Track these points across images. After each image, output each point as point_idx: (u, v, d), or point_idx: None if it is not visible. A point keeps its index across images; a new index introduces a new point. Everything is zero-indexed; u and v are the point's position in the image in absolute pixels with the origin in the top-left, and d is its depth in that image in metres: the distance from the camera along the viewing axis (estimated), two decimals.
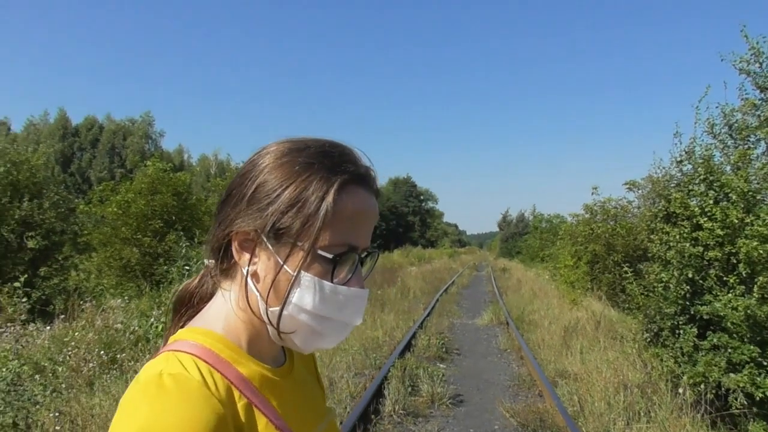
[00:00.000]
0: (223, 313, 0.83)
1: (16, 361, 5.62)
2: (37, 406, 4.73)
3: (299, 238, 0.76)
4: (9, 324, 8.05)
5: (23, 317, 7.80)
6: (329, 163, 0.79)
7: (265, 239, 0.78)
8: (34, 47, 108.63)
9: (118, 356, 6.73)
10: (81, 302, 9.41)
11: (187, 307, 0.91)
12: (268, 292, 0.78)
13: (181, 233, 11.88)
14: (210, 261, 0.89)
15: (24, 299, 7.12)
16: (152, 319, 7.95)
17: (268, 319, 0.79)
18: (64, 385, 5.53)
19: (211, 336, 0.80)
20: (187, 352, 0.76)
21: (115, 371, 6.26)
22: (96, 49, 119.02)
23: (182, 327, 0.85)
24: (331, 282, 0.78)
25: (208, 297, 0.89)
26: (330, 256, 0.77)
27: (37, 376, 5.57)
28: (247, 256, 0.79)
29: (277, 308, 0.78)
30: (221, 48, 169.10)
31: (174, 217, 14.82)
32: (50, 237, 13.85)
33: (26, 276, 8.44)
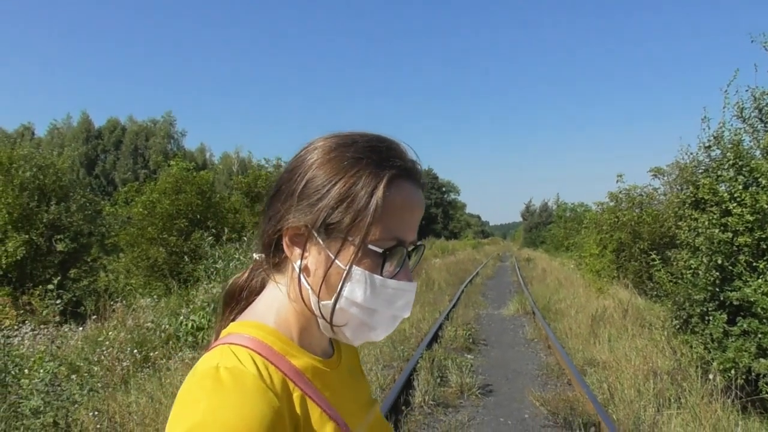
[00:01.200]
0: (275, 306, 0.85)
1: (53, 362, 5.76)
2: (76, 406, 4.85)
3: (350, 233, 0.78)
4: (42, 326, 8.26)
5: (57, 319, 7.97)
6: (377, 157, 0.81)
7: (315, 234, 0.79)
8: (54, 51, 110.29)
9: (151, 354, 6.87)
10: (111, 303, 9.60)
11: (237, 300, 0.93)
12: (320, 285, 0.80)
13: (208, 231, 12.01)
14: (259, 255, 0.91)
15: (58, 301, 7.28)
16: (181, 317, 8.08)
17: (321, 313, 0.81)
18: (99, 385, 5.65)
19: (264, 329, 0.81)
20: (242, 345, 0.77)
21: (148, 369, 6.39)
22: (116, 51, 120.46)
23: (233, 320, 0.87)
24: (381, 275, 0.80)
25: (257, 291, 0.91)
26: (380, 250, 0.79)
27: (73, 376, 5.71)
28: (298, 250, 0.81)
29: (329, 302, 0.80)
30: (239, 45, 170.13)
31: (199, 216, 15.00)
32: (78, 239, 14.11)
33: (59, 279, 8.63)
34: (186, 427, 0.67)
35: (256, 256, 0.92)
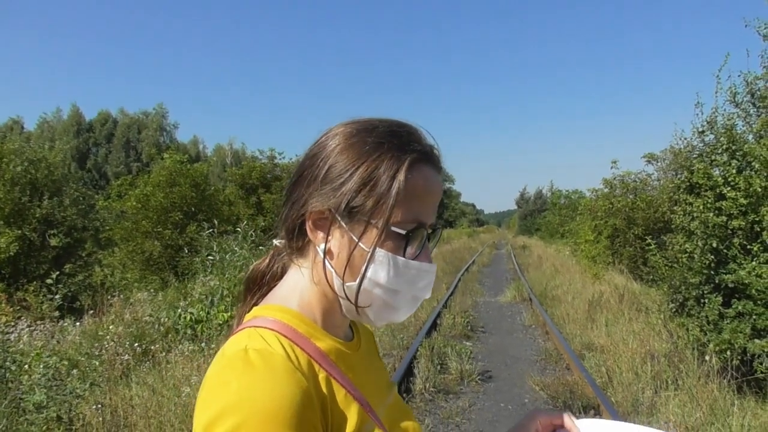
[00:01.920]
0: (298, 290, 0.86)
1: (55, 357, 5.77)
2: (78, 400, 4.86)
3: (373, 215, 0.80)
4: (39, 322, 8.24)
5: (56, 314, 7.96)
6: (398, 142, 0.83)
7: (339, 218, 0.81)
8: (42, 44, 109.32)
9: (151, 348, 6.87)
10: (108, 297, 9.59)
11: (259, 286, 0.94)
12: (344, 268, 0.81)
13: (202, 224, 11.99)
14: (280, 241, 0.92)
15: (57, 296, 7.27)
16: (180, 310, 8.08)
17: (345, 294, 0.83)
18: (101, 379, 5.66)
19: (288, 312, 0.83)
20: (268, 328, 0.79)
21: (148, 363, 6.40)
22: (105, 43, 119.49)
23: (255, 305, 0.89)
24: (404, 257, 0.82)
25: (278, 276, 0.93)
26: (403, 232, 0.81)
27: (74, 371, 5.72)
28: (321, 234, 0.83)
29: (354, 283, 0.82)
30: (230, 36, 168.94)
31: (194, 209, 14.96)
32: (72, 234, 14.00)
33: (58, 274, 8.60)
34: (218, 408, 0.68)
35: (276, 242, 0.94)
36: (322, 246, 0.83)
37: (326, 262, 0.83)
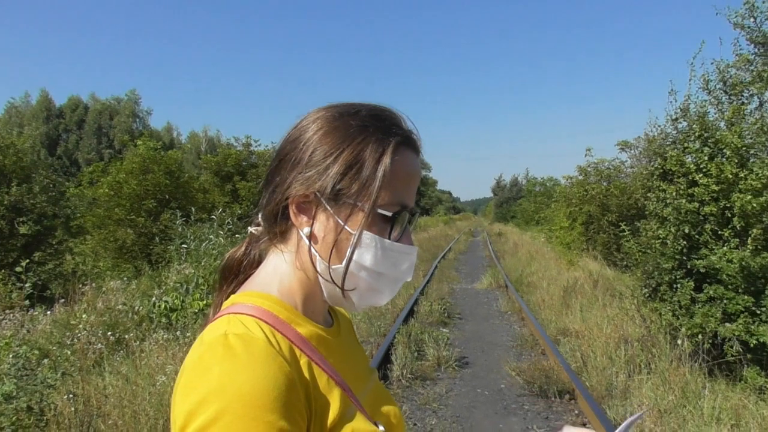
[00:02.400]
0: (278, 275, 0.85)
1: (25, 346, 5.65)
2: (49, 390, 4.77)
3: (359, 198, 0.80)
4: (8, 311, 8.06)
5: (27, 303, 7.80)
6: (382, 125, 0.83)
7: (324, 201, 0.80)
8: (8, 27, 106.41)
9: (124, 337, 6.77)
10: (80, 286, 9.42)
11: (236, 274, 0.93)
12: (330, 251, 0.81)
13: (177, 211, 11.82)
14: (255, 228, 0.91)
15: (26, 284, 7.11)
16: (154, 299, 7.98)
17: (331, 278, 0.82)
18: (73, 368, 5.57)
19: (268, 298, 0.82)
20: (248, 314, 0.78)
21: (122, 352, 6.31)
22: (76, 27, 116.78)
23: (232, 293, 0.87)
24: (389, 240, 0.82)
25: (255, 264, 0.91)
26: (389, 214, 0.81)
27: (45, 361, 5.61)
28: (305, 218, 0.82)
29: (339, 266, 0.81)
30: (204, 22, 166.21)
31: (168, 196, 14.76)
32: (42, 222, 13.72)
33: (27, 262, 8.41)
34: (200, 395, 0.67)
35: (251, 229, 0.92)
36: (307, 230, 0.82)
37: (311, 245, 0.82)
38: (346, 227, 0.80)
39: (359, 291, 0.83)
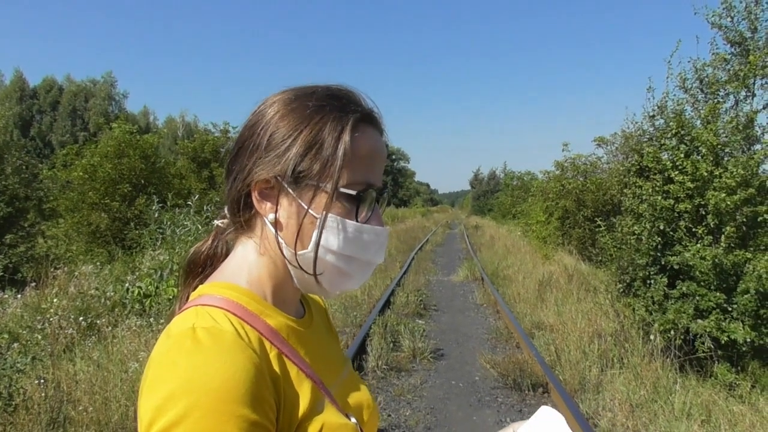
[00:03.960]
0: (246, 266, 0.83)
1: None
2: (18, 374, 4.68)
3: (321, 179, 0.77)
4: None
5: None
6: (339, 104, 0.81)
7: (286, 185, 0.78)
8: None
9: (96, 322, 6.67)
10: (52, 269, 9.25)
11: (202, 267, 0.90)
12: (296, 237, 0.79)
13: (152, 197, 11.65)
14: (222, 221, 0.89)
15: None
16: (127, 284, 7.87)
17: (299, 264, 0.80)
18: (43, 353, 5.47)
19: (237, 290, 0.80)
20: (216, 306, 0.76)
21: (93, 337, 6.22)
22: (51, 6, 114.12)
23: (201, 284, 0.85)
24: (356, 221, 0.80)
25: (222, 257, 0.89)
26: (353, 193, 0.79)
27: (15, 344, 5.50)
28: (268, 204, 0.80)
29: (307, 251, 0.79)
30: (182, 4, 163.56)
31: (143, 181, 14.55)
32: (14, 203, 13.49)
33: None
34: (167, 391, 0.65)
35: (217, 222, 0.91)
36: (271, 216, 0.80)
37: (276, 232, 0.80)
38: (310, 210, 0.78)
39: (327, 275, 0.81)
